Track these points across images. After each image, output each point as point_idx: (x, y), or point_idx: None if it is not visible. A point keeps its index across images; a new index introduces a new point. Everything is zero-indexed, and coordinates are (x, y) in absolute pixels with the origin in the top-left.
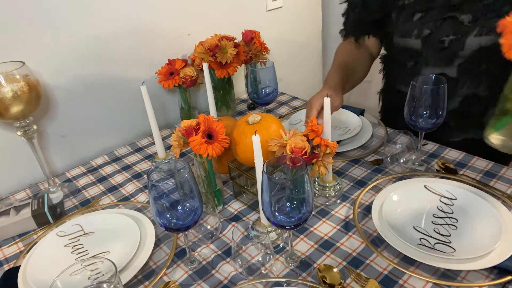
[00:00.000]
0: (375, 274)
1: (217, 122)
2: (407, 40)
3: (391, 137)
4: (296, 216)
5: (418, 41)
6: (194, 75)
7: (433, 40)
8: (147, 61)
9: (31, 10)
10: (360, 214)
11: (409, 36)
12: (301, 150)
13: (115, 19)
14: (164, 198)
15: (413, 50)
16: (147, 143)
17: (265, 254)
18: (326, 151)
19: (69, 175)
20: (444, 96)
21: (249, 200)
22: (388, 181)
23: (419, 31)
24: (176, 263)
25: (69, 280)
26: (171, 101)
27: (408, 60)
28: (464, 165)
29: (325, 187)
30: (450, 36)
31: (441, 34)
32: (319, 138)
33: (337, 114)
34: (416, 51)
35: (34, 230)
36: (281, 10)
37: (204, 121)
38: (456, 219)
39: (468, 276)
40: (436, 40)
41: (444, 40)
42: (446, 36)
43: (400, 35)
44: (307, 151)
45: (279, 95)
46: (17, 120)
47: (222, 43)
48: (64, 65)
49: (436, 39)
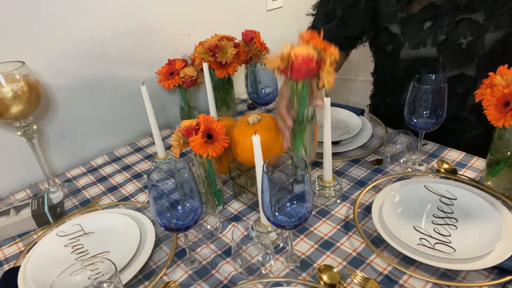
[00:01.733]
0: (375, 274)
1: (217, 122)
2: (420, 50)
3: (391, 137)
4: (296, 216)
5: (433, 48)
6: (194, 75)
7: (450, 44)
8: (147, 61)
9: (31, 10)
10: (360, 214)
11: (423, 45)
12: (307, 58)
13: (115, 19)
14: (164, 198)
15: (428, 58)
16: (147, 143)
17: (265, 254)
18: (331, 58)
19: (69, 175)
20: (444, 96)
21: (249, 200)
22: (388, 181)
23: (434, 38)
24: (176, 263)
25: (69, 280)
26: (171, 101)
27: (423, 69)
28: (464, 165)
29: (325, 187)
30: (468, 37)
31: (457, 37)
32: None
33: (337, 114)
34: (432, 59)
35: (34, 230)
36: (281, 10)
37: (204, 121)
38: (456, 219)
39: (468, 276)
40: (453, 44)
41: (462, 42)
42: (463, 38)
43: (411, 47)
44: (313, 57)
45: None
46: (17, 120)
47: (222, 43)
48: (64, 65)
49: (453, 43)
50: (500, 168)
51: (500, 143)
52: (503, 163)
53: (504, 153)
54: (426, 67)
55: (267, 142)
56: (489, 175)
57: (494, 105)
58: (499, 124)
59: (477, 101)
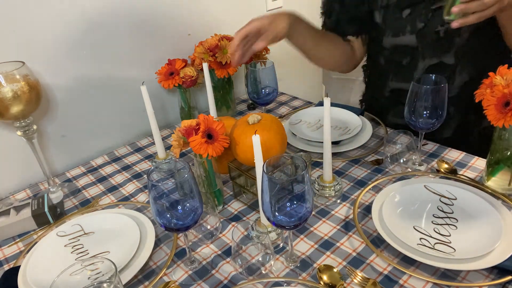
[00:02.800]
0: (375, 274)
1: (217, 122)
2: (400, 38)
3: (391, 137)
4: (296, 216)
5: (412, 36)
6: (194, 75)
7: (428, 32)
8: (147, 61)
9: (31, 10)
10: (360, 214)
11: (402, 33)
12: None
13: (115, 19)
14: (164, 198)
15: (408, 46)
16: (147, 143)
17: (265, 254)
18: None
19: (69, 175)
20: (444, 96)
21: (249, 200)
22: (388, 181)
23: (412, 26)
24: (176, 263)
25: (69, 280)
26: (171, 101)
27: (404, 57)
28: (464, 165)
29: (325, 187)
30: (445, 25)
31: (435, 25)
32: None
33: (337, 114)
34: (412, 47)
35: (34, 230)
36: (281, 10)
37: (204, 121)
38: (456, 219)
39: (468, 276)
40: (431, 31)
41: (439, 30)
42: (441, 26)
43: (392, 34)
44: None
45: (279, 95)
46: (17, 120)
47: (222, 43)
48: (64, 65)
49: (431, 31)
50: (500, 168)
51: (500, 143)
52: (503, 163)
53: (504, 153)
54: (406, 56)
55: (267, 142)
56: (489, 175)
57: (494, 105)
58: (499, 124)
59: (477, 101)
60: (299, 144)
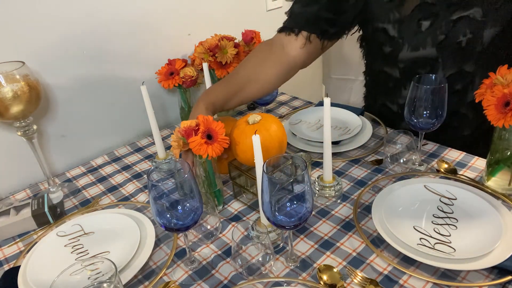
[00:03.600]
0: (375, 274)
1: (216, 123)
2: (420, 51)
3: (391, 137)
4: (296, 216)
5: (433, 49)
6: (194, 75)
7: (449, 43)
8: (147, 61)
9: (31, 10)
10: (360, 214)
11: (423, 47)
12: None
13: (115, 19)
14: (164, 198)
15: (428, 58)
16: (147, 143)
17: (265, 254)
18: None
19: (69, 175)
20: (444, 96)
21: (249, 200)
22: (388, 181)
23: (433, 38)
24: (176, 263)
25: (69, 280)
26: (171, 101)
27: (422, 69)
28: (464, 165)
29: (325, 187)
30: (468, 35)
31: (457, 35)
32: None
33: (337, 114)
34: (431, 58)
35: (34, 230)
36: (281, 10)
37: (204, 122)
38: (456, 219)
39: (468, 276)
40: (452, 42)
41: (461, 40)
42: (463, 36)
43: (411, 49)
44: None
45: (279, 95)
46: (17, 120)
47: (222, 43)
48: (64, 65)
49: (453, 41)
50: (500, 168)
51: (500, 143)
52: (503, 163)
53: (504, 153)
54: (426, 67)
55: (267, 142)
56: (489, 175)
57: (494, 105)
58: (499, 124)
59: (477, 101)
60: (299, 144)
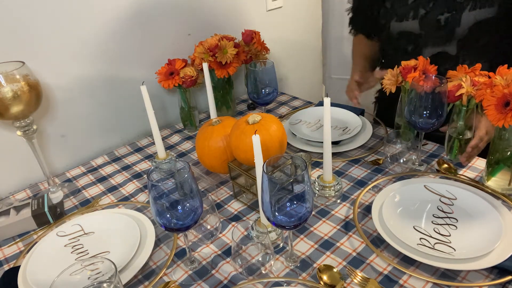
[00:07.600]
0: (375, 274)
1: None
2: (404, 23)
3: (391, 137)
4: (296, 216)
5: (415, 22)
6: (194, 75)
7: (430, 19)
8: (147, 61)
9: (31, 10)
10: (360, 214)
11: (406, 18)
12: None
13: (115, 19)
14: (164, 198)
15: (412, 33)
16: (147, 143)
17: (265, 254)
18: None
19: (69, 175)
20: (444, 96)
21: (249, 200)
22: (388, 181)
23: (415, 11)
24: (176, 263)
25: (69, 280)
26: (171, 101)
27: (408, 45)
28: (464, 165)
29: (325, 187)
30: (445, 13)
31: (436, 13)
32: None
33: (337, 114)
34: (415, 34)
35: (34, 230)
36: (281, 10)
37: (421, 62)
38: (456, 219)
39: (468, 276)
40: (433, 19)
41: (440, 18)
42: (441, 14)
43: (397, 19)
44: None
45: (279, 95)
46: (17, 120)
47: (222, 43)
48: (64, 65)
49: (433, 18)
50: (500, 168)
51: (500, 143)
52: (503, 163)
53: (504, 153)
54: (411, 43)
55: (267, 142)
56: (489, 175)
57: (494, 105)
58: (499, 124)
59: (477, 101)
60: (299, 144)
